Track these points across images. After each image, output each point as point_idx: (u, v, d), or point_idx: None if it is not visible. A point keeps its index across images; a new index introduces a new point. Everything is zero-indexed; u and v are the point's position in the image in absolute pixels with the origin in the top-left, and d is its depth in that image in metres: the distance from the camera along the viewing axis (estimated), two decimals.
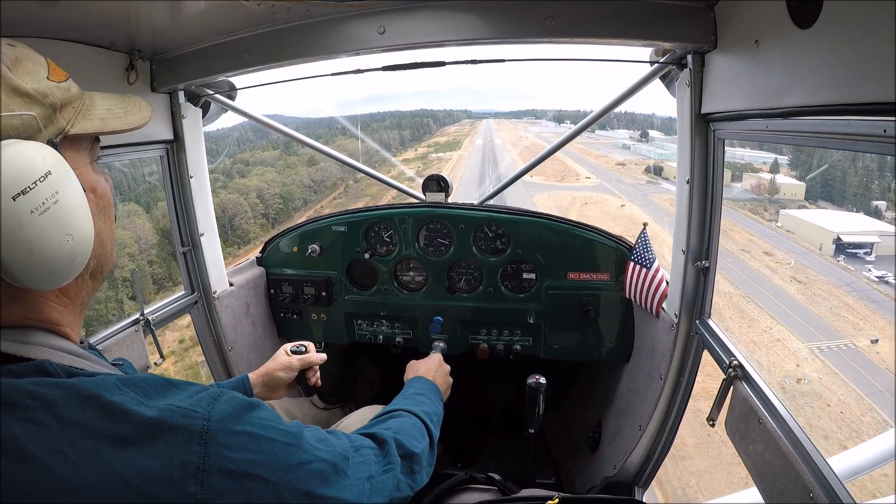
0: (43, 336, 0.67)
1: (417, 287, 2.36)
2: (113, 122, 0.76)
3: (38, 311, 0.68)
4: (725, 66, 1.33)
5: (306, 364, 1.49)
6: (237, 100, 2.04)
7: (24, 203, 0.59)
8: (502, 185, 2.53)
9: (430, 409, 1.21)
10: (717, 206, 1.51)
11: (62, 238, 0.63)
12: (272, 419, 0.70)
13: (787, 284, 17.54)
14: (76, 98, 0.72)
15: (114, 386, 0.61)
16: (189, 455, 0.59)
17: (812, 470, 1.04)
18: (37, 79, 0.66)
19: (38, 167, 0.61)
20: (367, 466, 0.85)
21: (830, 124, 0.94)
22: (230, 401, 0.66)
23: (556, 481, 2.43)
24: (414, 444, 1.02)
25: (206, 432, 0.61)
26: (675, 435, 1.85)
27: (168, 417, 0.60)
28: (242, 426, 0.65)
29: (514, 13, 1.38)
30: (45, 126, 0.65)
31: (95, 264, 0.74)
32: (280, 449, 0.68)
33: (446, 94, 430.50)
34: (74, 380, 0.61)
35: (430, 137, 78.61)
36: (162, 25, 1.49)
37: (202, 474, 0.59)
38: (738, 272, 17.79)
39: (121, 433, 0.58)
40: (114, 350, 1.63)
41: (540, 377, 1.73)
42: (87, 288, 0.76)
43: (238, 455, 0.63)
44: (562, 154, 55.87)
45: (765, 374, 1.31)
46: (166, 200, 1.97)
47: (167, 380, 0.67)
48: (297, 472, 0.69)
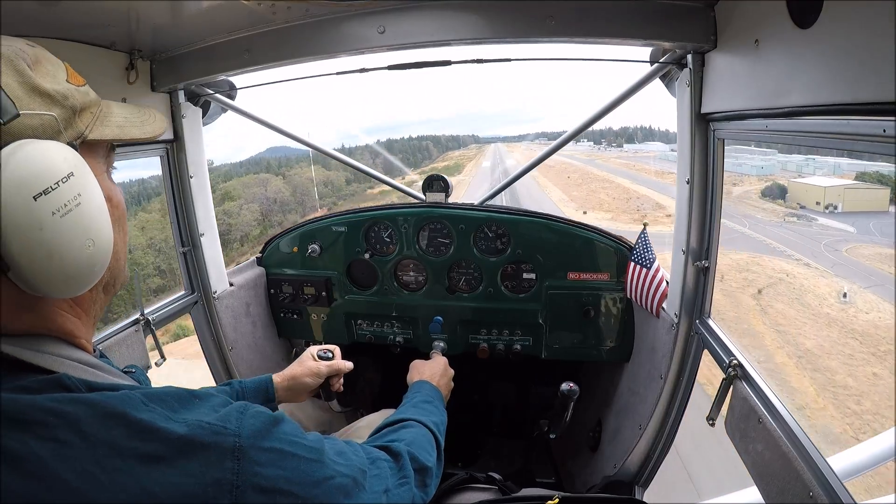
0: (57, 346, 0.65)
1: (417, 287, 2.36)
2: (131, 130, 0.75)
3: (51, 321, 0.65)
4: (725, 65, 1.33)
5: (334, 371, 1.46)
6: (237, 100, 2.04)
7: (45, 204, 0.57)
8: (502, 185, 2.53)
9: (437, 419, 1.21)
10: (717, 206, 1.51)
11: (83, 243, 0.61)
12: (296, 434, 0.71)
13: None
14: (94, 104, 0.71)
15: (140, 402, 0.59)
16: (223, 472, 0.59)
17: (812, 469, 1.04)
18: (56, 80, 0.64)
19: (60, 167, 0.59)
20: (383, 480, 0.86)
21: (830, 124, 0.94)
22: (257, 416, 0.66)
23: (556, 481, 2.43)
24: (426, 457, 1.02)
25: (238, 449, 0.61)
26: (676, 434, 1.85)
27: (199, 434, 0.59)
28: (271, 442, 0.65)
29: (513, 13, 1.38)
30: (65, 129, 0.63)
31: (109, 277, 0.72)
32: (306, 465, 0.68)
33: (453, 121, 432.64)
34: (97, 395, 0.58)
35: (430, 162, 74.47)
36: (162, 25, 1.49)
37: (236, 491, 0.59)
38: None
39: (151, 451, 0.56)
40: (114, 350, 1.62)
41: (573, 384, 1.72)
42: (100, 301, 0.74)
43: (269, 472, 0.63)
44: (610, 174, 49.02)
45: (764, 374, 1.32)
46: (166, 200, 1.97)
47: (189, 392, 0.66)
48: (322, 487, 0.70)
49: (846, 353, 12.09)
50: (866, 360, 11.45)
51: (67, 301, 0.66)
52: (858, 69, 0.83)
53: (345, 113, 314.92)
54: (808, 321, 14.25)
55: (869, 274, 15.56)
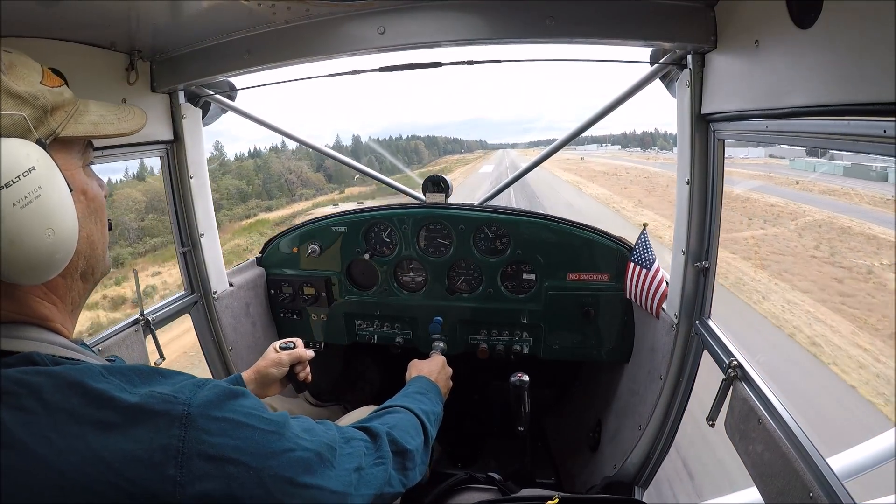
0: (34, 331, 0.69)
1: (417, 287, 2.36)
2: (105, 126, 0.79)
3: (28, 308, 0.70)
4: (725, 66, 1.33)
5: (295, 359, 1.50)
6: (237, 100, 2.04)
7: (6, 196, 0.62)
8: (502, 185, 2.53)
9: (428, 408, 1.22)
10: (717, 207, 1.51)
11: (43, 232, 0.65)
12: (256, 408, 0.71)
13: None
14: (69, 103, 0.75)
15: (98, 373, 0.63)
16: (169, 439, 0.61)
17: (812, 470, 1.04)
18: (29, 82, 0.69)
19: (21, 163, 0.64)
20: (356, 458, 0.85)
21: (830, 125, 0.94)
22: (213, 388, 0.68)
23: (556, 481, 2.43)
24: (408, 440, 1.02)
25: (186, 417, 0.63)
26: (675, 435, 1.85)
27: (150, 403, 0.62)
28: (224, 413, 0.66)
29: (513, 13, 1.38)
30: (36, 127, 0.68)
31: (86, 265, 0.76)
32: (261, 436, 0.69)
33: (464, 126, 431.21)
34: (60, 367, 0.63)
35: (421, 167, 67.36)
36: (162, 25, 1.49)
37: (182, 457, 0.61)
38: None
39: (104, 418, 0.60)
40: (114, 350, 1.62)
41: (523, 375, 1.73)
42: (78, 289, 0.77)
43: (218, 440, 0.64)
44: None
45: (764, 375, 1.32)
46: (166, 200, 1.97)
47: (153, 368, 0.69)
48: (278, 458, 0.70)
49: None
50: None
51: (41, 288, 0.71)
52: (858, 69, 0.83)
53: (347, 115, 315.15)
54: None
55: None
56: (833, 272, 14.70)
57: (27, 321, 0.70)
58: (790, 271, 15.32)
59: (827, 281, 14.15)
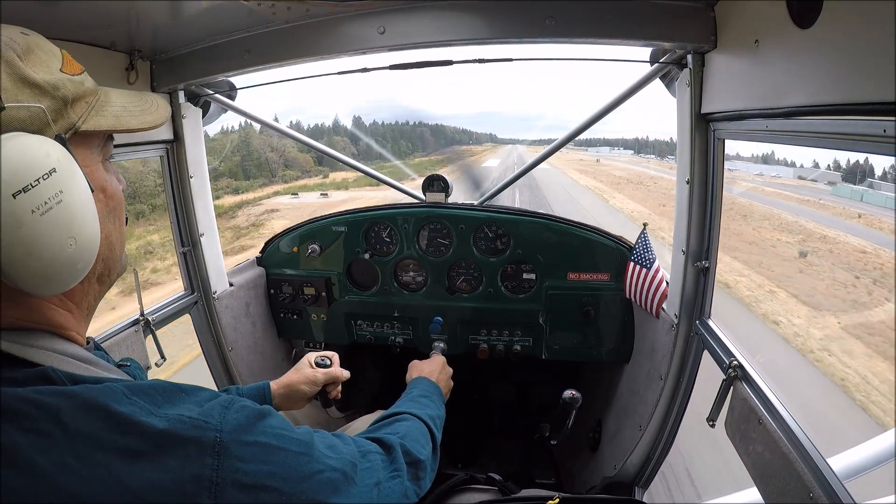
0: (47, 339, 0.64)
1: (417, 287, 2.36)
2: (128, 119, 0.72)
3: (40, 315, 0.65)
4: (725, 66, 1.33)
5: (331, 379, 1.45)
6: (237, 100, 2.04)
7: (24, 201, 0.56)
8: (502, 185, 2.53)
9: (433, 413, 1.21)
10: (717, 206, 1.51)
11: (64, 241, 0.60)
12: (283, 427, 0.69)
13: None
14: (90, 93, 0.68)
15: (121, 394, 0.58)
16: (202, 468, 0.58)
17: (812, 470, 1.04)
18: (49, 70, 0.62)
19: (41, 163, 0.57)
20: (374, 472, 0.84)
21: (830, 124, 0.94)
22: (241, 410, 0.65)
23: (556, 481, 2.43)
24: (420, 450, 1.00)
25: (218, 444, 0.59)
26: (676, 435, 1.85)
27: (179, 429, 0.58)
28: (255, 437, 0.64)
29: (513, 13, 1.38)
30: (55, 120, 0.61)
31: (103, 268, 0.71)
32: (292, 459, 0.67)
33: (475, 119, 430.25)
34: (79, 388, 0.58)
35: (425, 155, 61.13)
36: (162, 25, 1.49)
37: (215, 487, 0.58)
38: None
39: (130, 445, 0.55)
40: (114, 350, 1.62)
41: (576, 392, 1.71)
42: (94, 292, 0.72)
43: (251, 467, 0.61)
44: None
45: (765, 375, 1.31)
46: (166, 200, 1.97)
47: (176, 385, 0.65)
48: (309, 482, 0.68)
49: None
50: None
51: (57, 295, 0.65)
52: (858, 69, 0.83)
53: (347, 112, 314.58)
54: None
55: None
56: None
57: (39, 328, 0.64)
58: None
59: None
